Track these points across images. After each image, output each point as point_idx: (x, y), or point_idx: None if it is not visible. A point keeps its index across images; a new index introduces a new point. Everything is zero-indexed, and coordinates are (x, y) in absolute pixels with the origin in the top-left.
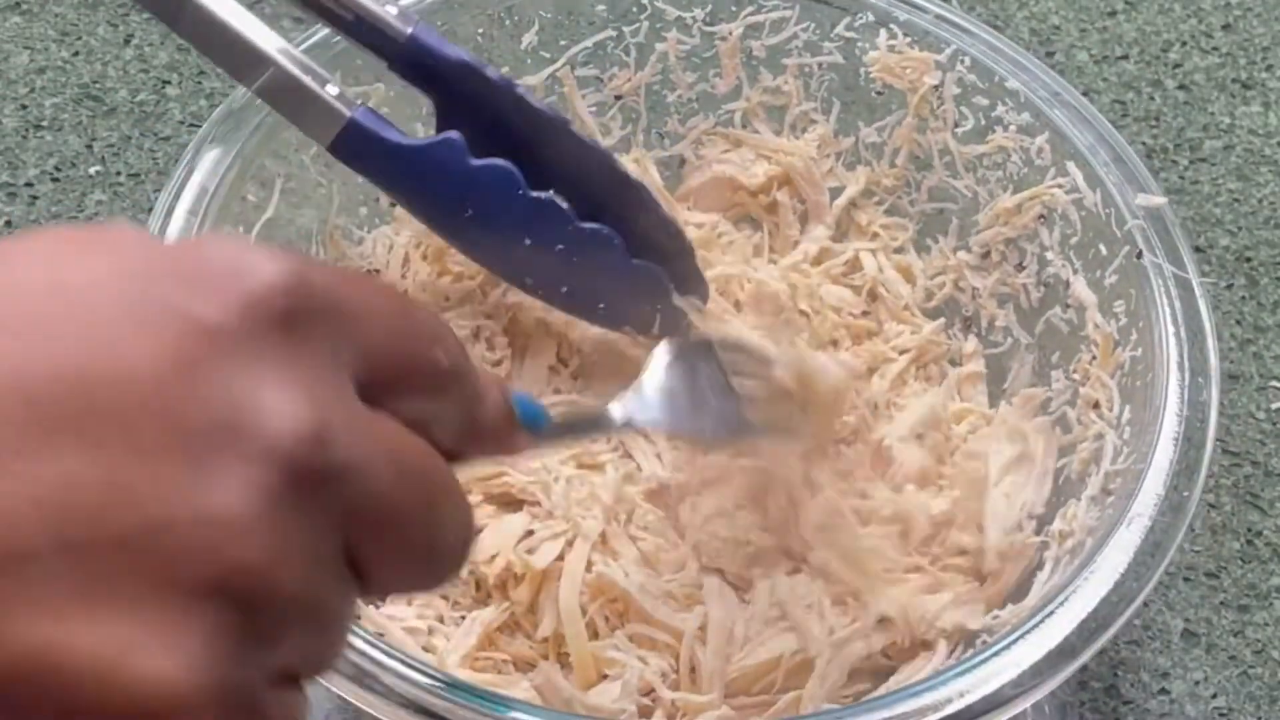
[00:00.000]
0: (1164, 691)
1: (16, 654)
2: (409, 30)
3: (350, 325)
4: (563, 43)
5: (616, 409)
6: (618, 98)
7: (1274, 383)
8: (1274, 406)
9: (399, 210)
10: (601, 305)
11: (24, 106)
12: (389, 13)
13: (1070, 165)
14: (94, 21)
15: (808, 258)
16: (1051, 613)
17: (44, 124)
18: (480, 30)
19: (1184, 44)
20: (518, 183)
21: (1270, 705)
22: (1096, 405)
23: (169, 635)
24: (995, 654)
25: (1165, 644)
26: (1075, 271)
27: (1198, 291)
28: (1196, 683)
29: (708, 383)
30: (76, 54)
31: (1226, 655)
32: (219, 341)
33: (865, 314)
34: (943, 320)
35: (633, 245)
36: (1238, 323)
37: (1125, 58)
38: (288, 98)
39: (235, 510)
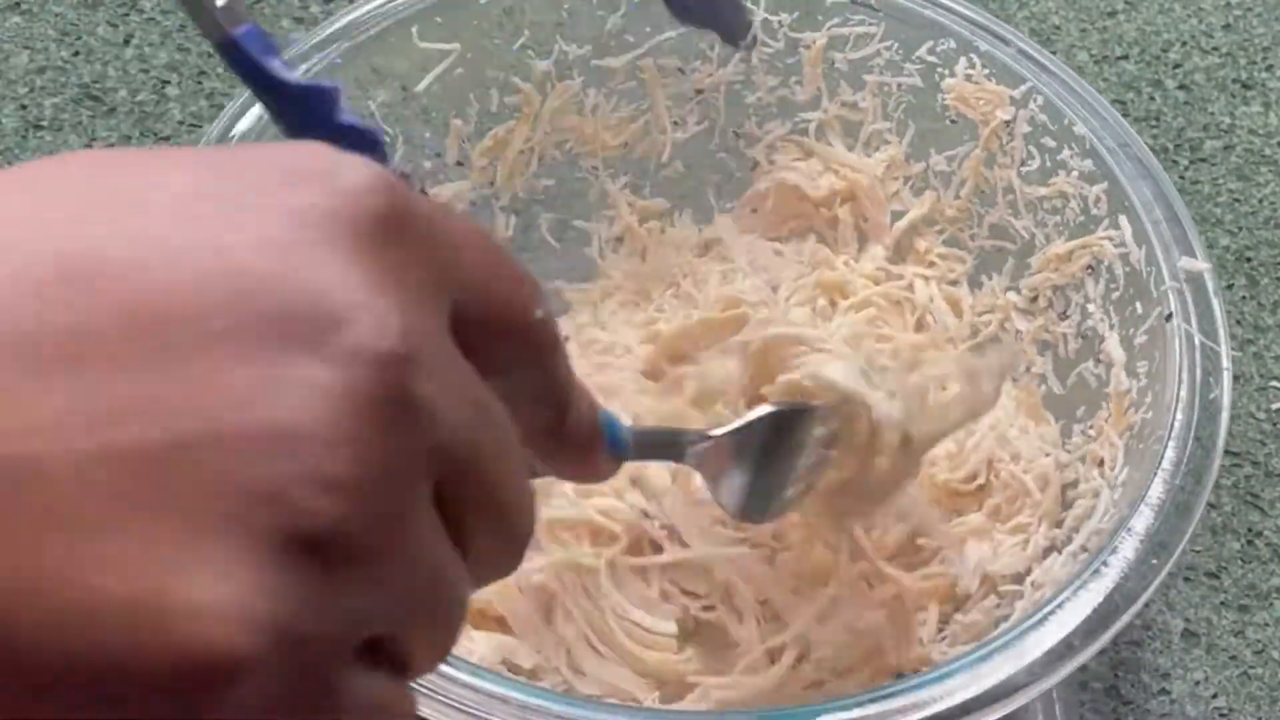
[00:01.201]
0: (1164, 692)
1: (11, 578)
2: None
3: (448, 251)
4: (648, 29)
5: (693, 450)
6: (698, 91)
7: (1274, 383)
8: (1274, 406)
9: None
10: None
11: (24, 106)
12: None
13: (1122, 219)
14: (94, 21)
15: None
16: (1050, 612)
17: (44, 124)
18: (567, 5)
19: (1184, 44)
20: (381, 154)
21: (1270, 705)
22: (1101, 463)
23: (222, 565)
24: (996, 650)
25: (1166, 644)
26: (1111, 327)
27: (1224, 363)
28: (1197, 683)
29: (778, 460)
30: (76, 54)
31: (1227, 655)
32: (305, 228)
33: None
34: None
35: None
36: (1238, 323)
37: (1125, 58)
38: None
39: (309, 421)
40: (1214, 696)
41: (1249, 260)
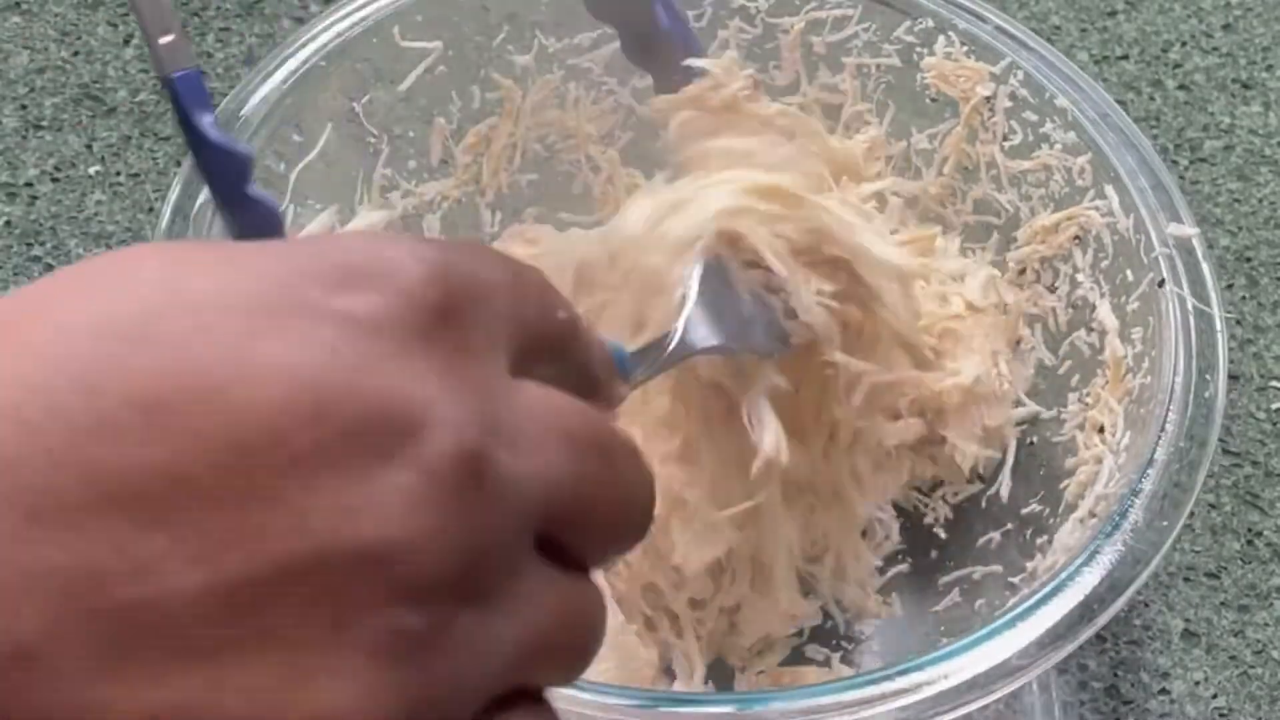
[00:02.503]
0: (1164, 692)
1: (147, 715)
2: None
3: (493, 304)
4: None
5: (681, 336)
6: None
7: (1274, 383)
8: (1274, 407)
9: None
10: None
11: (24, 106)
12: None
13: (1109, 188)
14: (94, 21)
15: None
16: (1066, 580)
17: (44, 124)
18: (545, 2)
19: (1184, 44)
20: (279, 230)
21: (1270, 705)
22: (1101, 429)
23: (340, 673)
24: (986, 637)
25: (1165, 644)
26: (1102, 295)
27: (1218, 325)
28: (1197, 683)
29: (745, 294)
30: (76, 54)
31: (1227, 655)
32: (370, 334)
33: None
34: None
35: None
36: (1238, 323)
37: (1125, 58)
38: (141, 23)
39: (402, 533)
40: (1214, 696)
41: (1249, 260)
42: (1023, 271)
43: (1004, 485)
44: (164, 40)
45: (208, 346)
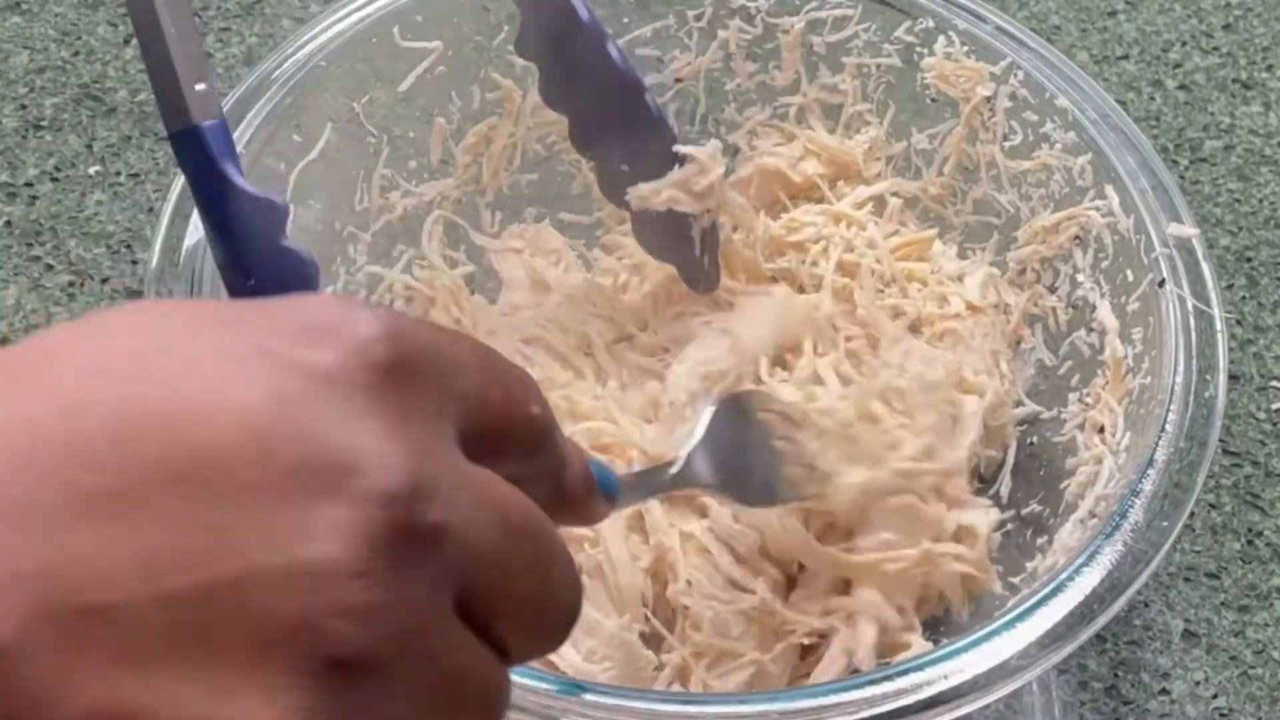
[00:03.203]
0: (1164, 692)
1: (91, 710)
2: None
3: (450, 378)
4: (625, 20)
5: (672, 477)
6: (677, 80)
7: (1274, 383)
8: (1274, 407)
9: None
10: None
11: (24, 106)
12: None
13: (1109, 189)
14: (94, 21)
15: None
16: (1068, 579)
17: (44, 124)
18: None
19: (1184, 44)
20: (311, 284)
21: (1270, 706)
22: (1101, 430)
23: (262, 691)
24: (986, 637)
25: (1166, 644)
26: (1102, 295)
27: (1218, 325)
28: (1197, 683)
29: (753, 442)
30: (76, 54)
31: (1227, 656)
32: (322, 385)
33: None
34: None
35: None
36: (1238, 323)
37: (1125, 58)
38: (159, 69)
39: (331, 558)
40: (1214, 696)
41: (1249, 260)
42: (1023, 271)
43: (1004, 485)
44: (199, 88)
45: (177, 388)
